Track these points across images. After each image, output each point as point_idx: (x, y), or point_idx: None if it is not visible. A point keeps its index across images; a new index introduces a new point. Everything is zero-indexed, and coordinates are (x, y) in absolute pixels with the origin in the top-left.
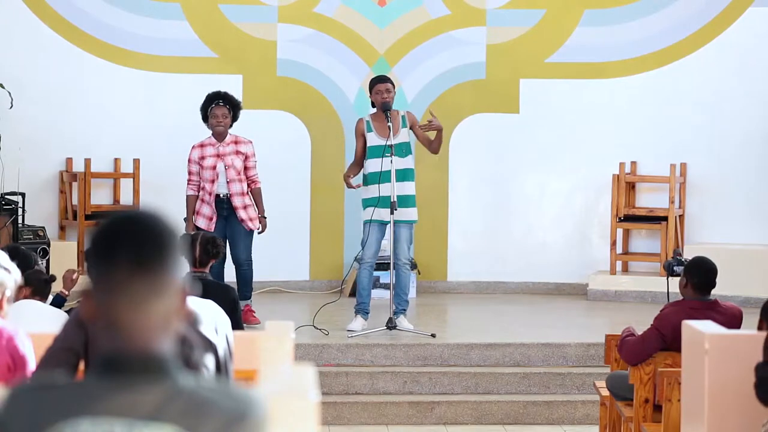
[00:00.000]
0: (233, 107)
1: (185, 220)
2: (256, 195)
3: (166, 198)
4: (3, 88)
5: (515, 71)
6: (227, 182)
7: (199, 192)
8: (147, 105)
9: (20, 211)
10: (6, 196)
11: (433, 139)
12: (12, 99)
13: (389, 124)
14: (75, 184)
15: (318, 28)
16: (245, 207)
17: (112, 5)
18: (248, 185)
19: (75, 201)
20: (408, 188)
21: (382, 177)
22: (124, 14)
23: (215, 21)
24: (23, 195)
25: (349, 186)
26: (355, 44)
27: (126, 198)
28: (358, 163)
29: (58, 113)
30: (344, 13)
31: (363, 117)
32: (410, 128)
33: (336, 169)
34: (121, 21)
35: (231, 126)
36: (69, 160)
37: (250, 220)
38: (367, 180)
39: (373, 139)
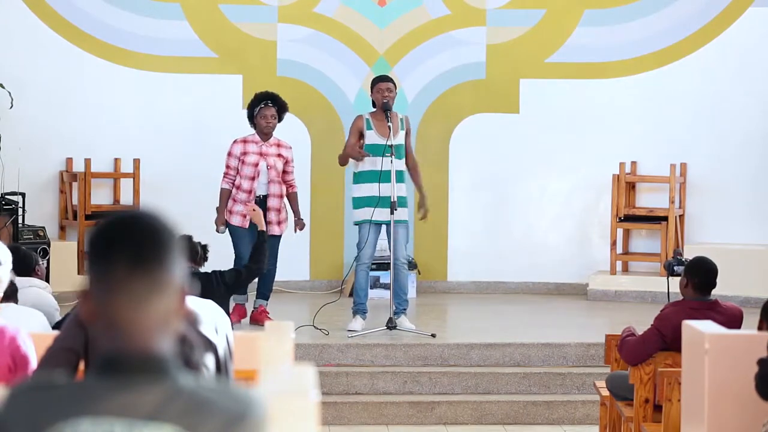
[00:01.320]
0: (281, 109)
1: (217, 210)
2: (293, 198)
3: (166, 198)
4: (3, 88)
5: (515, 71)
6: (267, 182)
7: (232, 189)
8: (147, 105)
9: (20, 211)
10: (6, 196)
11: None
12: (12, 99)
13: (389, 124)
14: (75, 184)
15: (318, 28)
16: (278, 210)
17: (112, 5)
18: (286, 189)
19: (75, 201)
20: (402, 189)
21: (382, 177)
22: (124, 14)
23: (215, 21)
24: (23, 195)
25: (361, 156)
26: (355, 44)
27: (126, 198)
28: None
29: (58, 113)
30: (344, 13)
31: (362, 114)
32: (406, 133)
33: (336, 169)
34: (121, 21)
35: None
36: (69, 160)
37: (278, 223)
38: (359, 178)
39: (372, 138)
